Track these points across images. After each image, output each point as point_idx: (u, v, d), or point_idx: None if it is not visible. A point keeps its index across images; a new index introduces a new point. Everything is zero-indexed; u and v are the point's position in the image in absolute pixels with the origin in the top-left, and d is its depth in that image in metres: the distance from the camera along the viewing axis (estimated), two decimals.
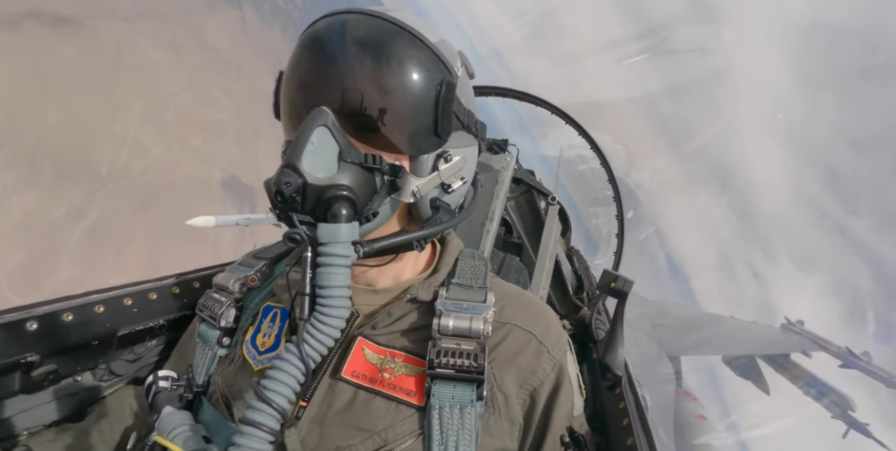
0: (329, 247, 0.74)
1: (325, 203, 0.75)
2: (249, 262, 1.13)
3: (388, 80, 0.78)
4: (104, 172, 9.39)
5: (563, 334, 0.97)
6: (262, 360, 0.94)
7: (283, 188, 0.72)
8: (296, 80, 0.83)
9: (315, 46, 0.83)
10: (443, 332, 0.84)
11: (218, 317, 1.01)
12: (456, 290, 0.93)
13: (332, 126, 0.76)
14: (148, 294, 1.35)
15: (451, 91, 0.82)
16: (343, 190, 0.75)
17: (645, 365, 4.47)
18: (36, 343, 1.11)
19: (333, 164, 0.77)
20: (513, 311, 0.94)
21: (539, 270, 2.36)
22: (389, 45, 0.79)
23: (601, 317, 2.22)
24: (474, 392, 0.82)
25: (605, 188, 4.09)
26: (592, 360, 2.01)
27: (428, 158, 0.86)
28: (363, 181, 0.79)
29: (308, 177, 0.73)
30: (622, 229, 4.04)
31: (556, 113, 3.82)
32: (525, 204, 2.86)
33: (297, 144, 0.74)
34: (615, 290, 1.59)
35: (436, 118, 0.82)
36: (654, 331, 6.30)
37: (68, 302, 1.18)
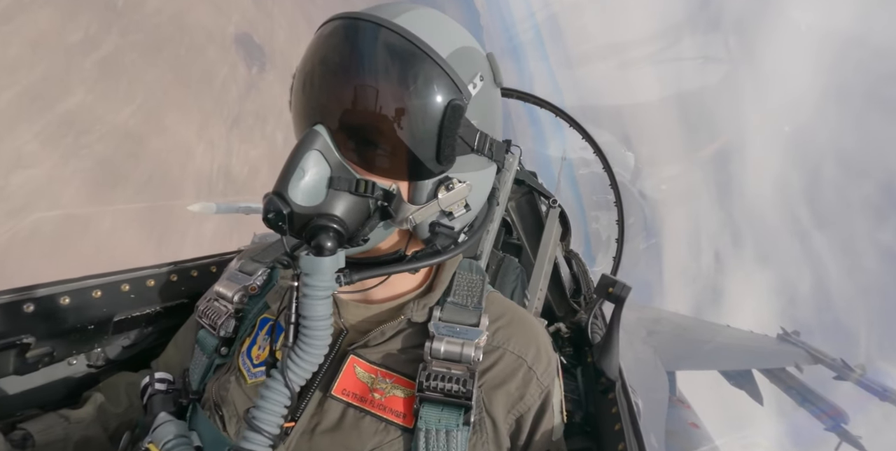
0: (311, 278, 0.73)
1: (311, 232, 0.74)
2: (249, 267, 1.11)
3: (387, 101, 0.73)
4: (120, 4, 9.22)
5: (553, 358, 0.96)
6: (255, 372, 0.93)
7: (268, 216, 0.72)
8: (299, 88, 0.81)
9: (318, 56, 0.78)
10: (434, 356, 0.84)
11: (218, 327, 1.01)
12: (451, 310, 0.92)
13: (324, 150, 0.74)
14: (146, 281, 1.35)
15: (457, 115, 0.76)
16: (329, 220, 0.74)
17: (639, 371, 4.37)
18: (32, 325, 1.12)
19: (322, 190, 0.74)
20: (506, 334, 0.94)
21: (537, 271, 2.35)
22: (391, 63, 0.73)
23: (598, 321, 2.20)
24: (461, 417, 0.82)
25: (607, 192, 4.07)
26: (587, 364, 1.96)
27: (427, 184, 0.81)
28: (353, 208, 0.77)
29: (294, 206, 0.72)
30: (622, 234, 3.99)
31: (560, 115, 3.77)
32: (526, 205, 2.85)
33: (287, 169, 0.72)
34: (613, 295, 1.59)
35: (437, 145, 0.76)
36: (649, 337, 6.30)
37: (66, 285, 1.18)
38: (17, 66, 7.39)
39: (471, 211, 0.88)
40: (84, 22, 8.38)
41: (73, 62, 8.12)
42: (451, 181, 0.82)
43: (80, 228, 7.71)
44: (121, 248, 8.18)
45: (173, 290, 1.41)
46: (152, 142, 9.16)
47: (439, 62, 0.75)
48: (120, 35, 8.89)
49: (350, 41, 0.75)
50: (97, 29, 8.49)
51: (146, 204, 8.89)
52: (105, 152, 8.31)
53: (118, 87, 8.72)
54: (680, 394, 6.58)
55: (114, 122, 8.54)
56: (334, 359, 0.90)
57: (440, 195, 0.82)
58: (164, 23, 10.11)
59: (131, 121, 8.81)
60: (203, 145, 10.35)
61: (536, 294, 2.27)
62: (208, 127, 10.60)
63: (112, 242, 8.09)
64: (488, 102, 0.84)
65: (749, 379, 8.66)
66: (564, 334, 2.35)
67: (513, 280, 2.08)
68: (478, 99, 0.80)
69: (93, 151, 8.13)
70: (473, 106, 0.79)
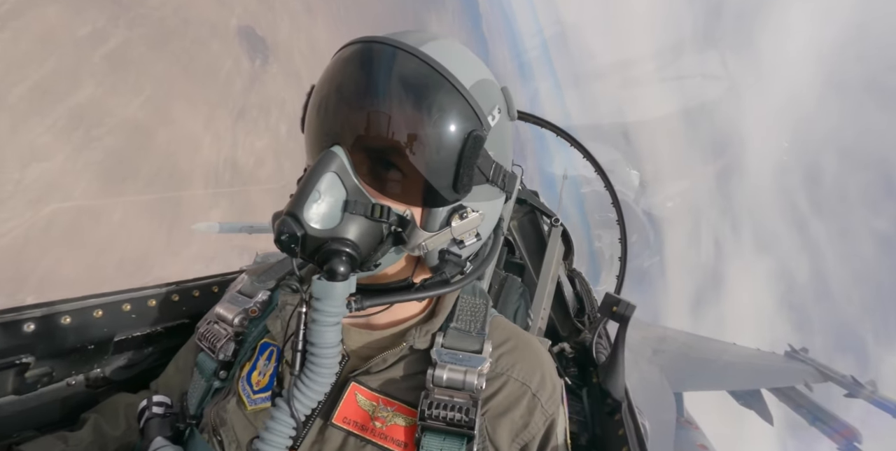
0: (322, 303, 0.72)
1: (324, 256, 0.73)
2: (249, 289, 1.09)
3: (410, 128, 0.73)
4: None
5: (558, 384, 0.94)
6: (255, 399, 0.91)
7: (281, 238, 0.71)
8: (319, 107, 0.80)
9: (341, 78, 0.78)
10: (436, 383, 0.82)
11: (217, 350, 0.99)
12: (453, 336, 0.90)
13: (341, 172, 0.74)
14: (147, 301, 1.33)
15: (477, 146, 0.76)
16: (343, 244, 0.73)
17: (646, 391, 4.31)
18: (32, 345, 1.10)
19: (337, 214, 0.74)
20: (510, 360, 0.91)
21: (540, 291, 2.32)
22: (414, 88, 0.73)
23: (602, 341, 2.16)
24: (464, 447, 0.80)
25: (609, 210, 4.03)
26: (593, 384, 1.92)
27: (441, 212, 0.81)
28: (367, 232, 0.76)
29: (308, 229, 0.71)
30: (625, 253, 3.95)
31: (562, 135, 3.75)
32: (528, 224, 2.83)
33: (302, 191, 0.71)
34: (617, 314, 1.56)
35: (456, 173, 0.77)
36: (655, 356, 6.29)
37: (67, 304, 1.17)
38: (27, 60, 7.50)
39: (480, 240, 0.88)
40: (91, 16, 8.46)
41: (82, 56, 8.22)
42: (465, 210, 0.82)
43: (93, 219, 7.90)
44: (133, 238, 8.38)
45: (174, 310, 1.39)
46: (160, 134, 9.30)
47: (463, 93, 0.75)
48: (127, 28, 8.98)
49: (375, 65, 0.74)
50: (104, 23, 8.58)
51: (156, 195, 9.07)
52: (115, 145, 8.46)
53: (126, 80, 8.83)
54: (688, 415, 6.54)
55: (123, 115, 8.67)
56: (335, 386, 0.85)
57: (454, 223, 0.82)
58: (168, 16, 10.18)
59: (140, 113, 8.94)
60: (209, 137, 10.48)
61: (540, 314, 2.24)
62: (214, 119, 10.72)
63: (124, 232, 8.29)
64: (503, 134, 0.85)
65: (758, 398, 8.58)
66: (569, 354, 2.32)
67: (516, 300, 2.04)
68: (495, 131, 0.82)
69: (103, 144, 8.28)
70: (491, 137, 0.80)
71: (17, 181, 7.10)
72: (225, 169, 10.87)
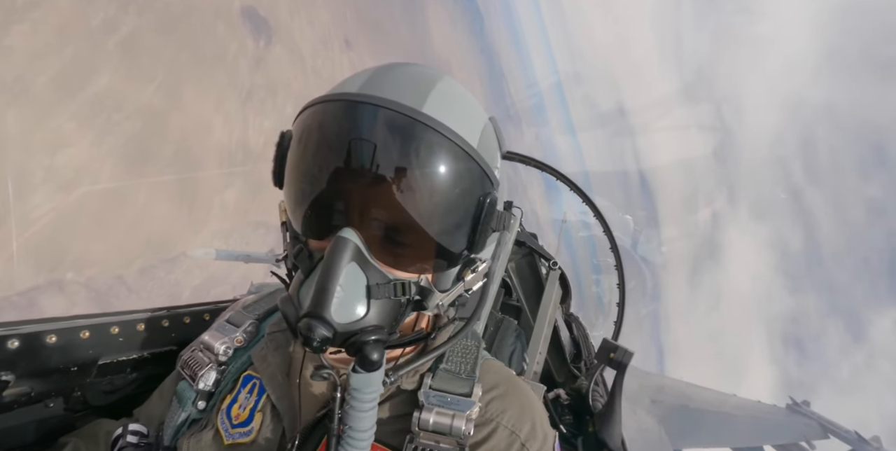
0: (361, 393, 0.70)
1: (356, 346, 0.69)
2: (238, 318, 1.05)
3: (427, 203, 0.70)
4: None
5: (549, 435, 0.88)
6: (233, 434, 0.87)
7: (312, 344, 0.66)
8: (312, 176, 0.74)
9: (340, 145, 0.71)
10: (422, 427, 0.78)
11: (197, 378, 0.94)
12: (442, 377, 0.85)
13: (359, 259, 0.70)
14: (136, 325, 1.28)
15: (492, 207, 0.75)
16: (375, 333, 0.70)
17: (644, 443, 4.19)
18: (14, 362, 1.05)
19: (364, 304, 0.70)
20: (500, 406, 0.86)
21: (537, 335, 2.25)
22: (432, 164, 0.69)
23: (599, 388, 2.11)
24: None
25: (606, 255, 3.94)
26: (588, 433, 1.86)
27: (454, 270, 0.81)
28: (391, 311, 0.74)
29: (338, 327, 0.67)
30: (623, 298, 3.85)
31: (561, 179, 3.69)
32: (526, 267, 2.78)
33: (323, 289, 0.66)
34: (614, 361, 1.52)
35: (472, 236, 0.75)
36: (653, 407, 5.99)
37: (54, 324, 1.13)
38: (46, 51, 7.78)
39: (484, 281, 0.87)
40: (102, 4, 8.65)
41: (97, 44, 8.48)
42: (475, 264, 0.82)
43: (119, 200, 8.34)
44: (157, 218, 8.86)
45: (163, 336, 1.32)
46: (175, 118, 9.62)
47: (475, 157, 0.72)
48: (136, 15, 9.17)
49: (381, 135, 0.68)
50: (115, 11, 8.77)
51: (175, 176, 9.48)
52: (134, 129, 8.81)
53: (140, 66, 9.10)
54: None
55: (139, 100, 8.98)
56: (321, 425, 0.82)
57: (466, 278, 0.82)
58: (174, 2, 10.30)
59: (154, 99, 9.24)
60: (221, 119, 10.78)
61: (535, 358, 2.15)
62: (224, 101, 10.98)
63: (149, 212, 8.76)
64: (501, 176, 0.83)
65: None
66: (564, 400, 2.25)
67: (511, 343, 1.96)
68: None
69: (123, 129, 8.63)
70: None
71: (47, 167, 7.51)
72: (237, 149, 11.22)
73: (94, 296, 7.51)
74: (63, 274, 7.31)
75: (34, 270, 7.01)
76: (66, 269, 7.35)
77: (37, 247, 7.05)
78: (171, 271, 8.71)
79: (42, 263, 7.13)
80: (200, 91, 10.41)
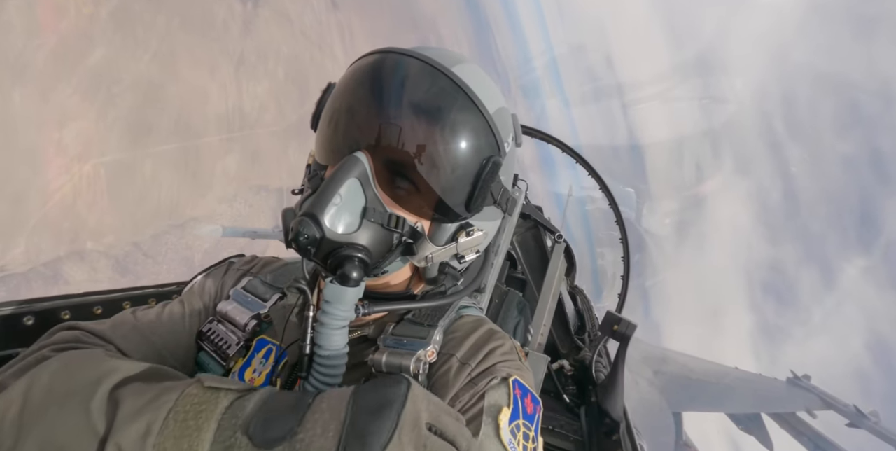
0: (332, 307, 0.71)
1: (338, 260, 0.71)
2: (260, 289, 1.00)
3: (437, 145, 0.73)
4: None
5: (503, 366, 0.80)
6: None
7: (299, 239, 0.68)
8: (345, 110, 0.78)
9: (375, 85, 0.76)
10: (376, 368, 0.78)
11: (228, 358, 0.91)
12: (404, 325, 0.85)
13: (363, 179, 0.72)
14: (147, 299, 1.29)
15: (494, 170, 0.77)
16: (359, 251, 0.71)
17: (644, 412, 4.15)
18: (31, 339, 1.01)
19: (356, 220, 0.72)
20: (458, 342, 0.84)
21: (541, 307, 2.26)
22: (447, 109, 0.73)
23: (602, 359, 2.10)
24: None
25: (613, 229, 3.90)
26: (591, 403, 1.86)
27: (449, 228, 0.81)
28: (381, 240, 0.75)
29: (327, 232, 0.69)
30: (627, 271, 3.84)
31: (568, 152, 3.68)
32: (531, 240, 2.77)
33: (324, 194, 0.69)
34: (617, 333, 1.51)
35: (471, 194, 0.77)
36: (655, 378, 6.05)
37: (67, 300, 1.15)
38: (44, 25, 7.81)
39: (478, 255, 0.88)
40: None
41: (90, 17, 8.47)
42: (471, 228, 0.83)
43: (128, 170, 8.66)
44: (164, 185, 9.23)
45: None
46: (171, 88, 9.70)
47: (489, 120, 0.76)
48: None
49: (411, 80, 0.74)
50: None
51: (177, 145, 9.74)
52: (135, 101, 8.96)
53: (134, 36, 9.09)
54: (686, 437, 6.42)
55: (136, 71, 9.05)
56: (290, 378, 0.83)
57: (460, 240, 0.82)
58: None
59: (150, 69, 9.29)
60: (216, 87, 10.84)
61: (540, 330, 2.15)
62: (217, 69, 10.98)
63: (156, 180, 9.10)
64: (511, 160, 0.86)
65: (758, 424, 8.39)
66: (568, 371, 2.25)
67: (516, 315, 1.94)
68: (506, 157, 0.82)
69: (125, 100, 8.79)
70: (504, 164, 0.81)
71: (57, 141, 7.78)
72: (234, 116, 11.38)
73: (114, 263, 7.99)
74: (83, 244, 7.75)
75: (55, 241, 7.43)
76: (85, 239, 7.77)
77: (56, 219, 7.43)
78: (182, 236, 9.20)
79: (62, 234, 7.53)
80: (194, 59, 10.41)
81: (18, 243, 6.99)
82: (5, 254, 6.85)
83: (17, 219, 7.01)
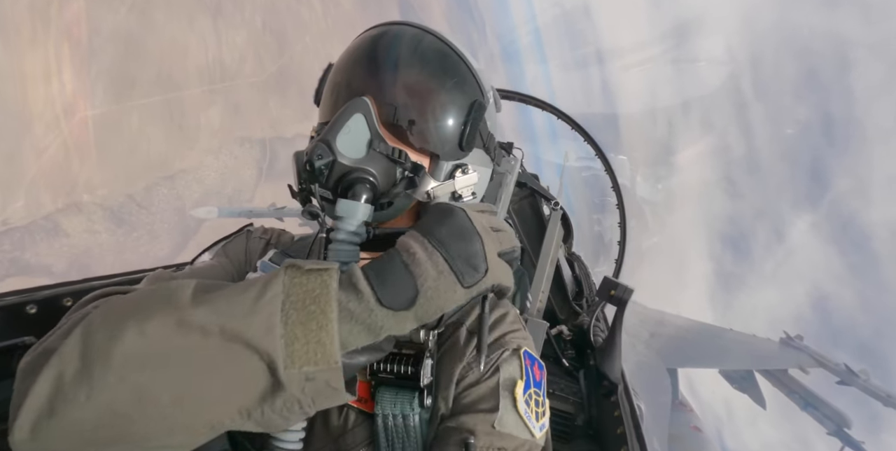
0: (344, 222, 0.74)
1: (349, 182, 0.75)
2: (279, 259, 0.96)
3: (430, 86, 0.83)
4: None
5: (512, 337, 0.83)
6: None
7: (314, 160, 0.73)
8: (345, 70, 0.86)
9: (370, 46, 0.85)
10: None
11: None
12: None
13: (367, 116, 0.78)
14: None
15: (481, 111, 0.86)
16: (367, 174, 0.76)
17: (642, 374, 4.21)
18: (35, 327, 1.08)
19: (363, 149, 0.78)
20: (467, 313, 0.86)
21: (539, 274, 2.26)
22: (439, 59, 0.84)
23: (600, 324, 2.12)
24: (416, 399, 0.75)
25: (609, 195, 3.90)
26: (590, 366, 1.89)
27: (447, 165, 0.87)
28: (386, 171, 0.79)
29: (339, 156, 0.74)
30: (624, 237, 3.83)
31: (563, 118, 3.64)
32: (528, 208, 2.77)
33: (335, 124, 0.76)
34: (614, 297, 1.52)
35: (463, 131, 0.85)
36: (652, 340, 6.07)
37: (69, 287, 1.15)
38: None
39: (475, 198, 0.92)
40: None
41: None
42: (466, 167, 0.88)
43: (115, 123, 8.78)
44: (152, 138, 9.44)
45: None
46: (150, 41, 9.60)
47: (472, 70, 0.88)
48: None
49: (406, 40, 0.84)
50: None
51: (161, 97, 9.83)
52: (116, 53, 8.89)
53: None
54: (682, 397, 6.44)
55: (114, 22, 8.93)
56: None
57: (457, 177, 0.88)
58: None
59: (128, 21, 9.18)
60: (195, 39, 10.70)
61: (538, 296, 2.17)
62: (194, 19, 10.77)
63: (144, 133, 9.27)
64: (494, 117, 0.96)
65: (752, 383, 8.48)
66: (567, 336, 2.27)
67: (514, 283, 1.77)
68: (490, 110, 0.92)
69: (106, 52, 8.75)
70: (488, 113, 0.91)
71: (44, 95, 7.88)
72: (214, 67, 11.31)
73: (110, 214, 8.31)
74: (79, 196, 8.00)
75: (52, 194, 7.67)
76: (80, 192, 8.02)
77: (50, 173, 7.64)
78: (173, 187, 9.57)
79: (58, 187, 7.75)
80: (170, 9, 10.20)
81: (18, 197, 7.22)
82: (6, 208, 7.08)
83: (14, 174, 7.20)
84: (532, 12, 28.23)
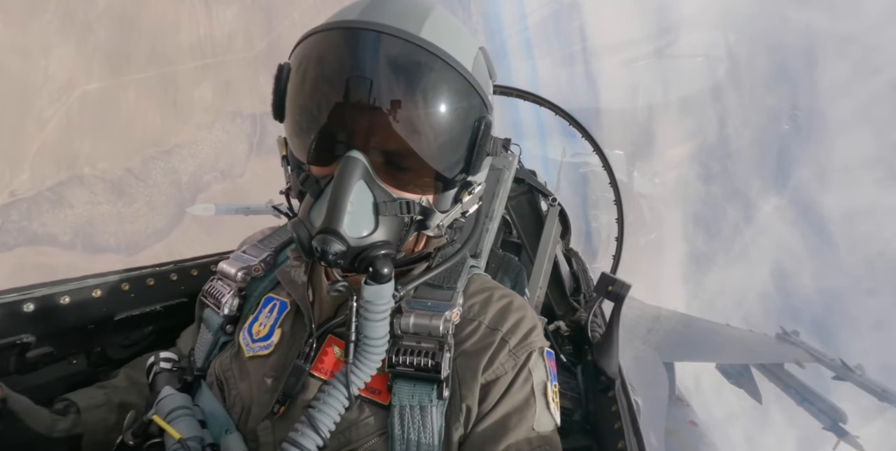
0: (373, 305, 0.72)
1: (367, 261, 0.72)
2: (254, 250, 1.04)
3: (429, 127, 0.72)
4: None
5: (535, 336, 0.85)
6: (254, 347, 0.89)
7: (328, 257, 0.68)
8: (316, 105, 0.73)
9: (342, 72, 0.71)
10: (404, 330, 0.79)
11: (222, 305, 0.95)
12: (425, 290, 0.85)
13: (366, 178, 0.71)
14: (146, 280, 1.29)
15: (488, 130, 0.77)
16: (384, 248, 0.72)
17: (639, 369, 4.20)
18: (32, 325, 1.08)
19: (371, 220, 0.73)
20: (483, 308, 0.86)
21: (537, 270, 2.26)
22: (430, 88, 0.71)
23: (597, 319, 2.14)
24: (434, 391, 0.76)
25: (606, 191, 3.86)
26: (587, 362, 1.88)
27: (452, 192, 0.82)
28: (397, 228, 0.76)
29: (350, 241, 0.69)
30: (622, 233, 3.79)
31: (561, 114, 3.60)
32: (526, 204, 2.74)
33: (335, 204, 0.69)
34: (612, 293, 1.52)
35: (470, 158, 0.77)
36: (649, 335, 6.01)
37: (66, 285, 1.14)
38: None
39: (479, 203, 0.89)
40: None
41: None
42: (472, 186, 0.83)
43: (113, 98, 8.89)
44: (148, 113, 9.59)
45: (173, 289, 1.34)
46: (143, 17, 9.61)
47: (470, 81, 0.74)
48: None
49: (382, 60, 0.69)
50: None
51: (155, 72, 9.95)
52: (110, 28, 8.94)
53: None
54: (679, 392, 6.46)
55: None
56: (316, 339, 0.84)
57: (464, 199, 0.83)
58: None
59: None
60: (185, 15, 10.76)
61: (536, 292, 2.16)
62: None
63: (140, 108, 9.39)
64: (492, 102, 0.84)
65: (748, 378, 8.45)
66: (564, 332, 2.28)
67: (513, 279, 1.90)
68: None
69: (102, 26, 8.79)
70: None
71: (44, 69, 8.01)
72: (206, 42, 11.38)
73: (110, 187, 8.52)
74: (81, 169, 8.20)
75: (55, 167, 7.85)
76: (82, 165, 8.21)
77: (53, 146, 7.82)
78: (169, 160, 9.81)
79: (60, 160, 7.94)
80: None
81: (24, 169, 7.41)
82: (13, 180, 7.27)
83: (19, 146, 7.37)
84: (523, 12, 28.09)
